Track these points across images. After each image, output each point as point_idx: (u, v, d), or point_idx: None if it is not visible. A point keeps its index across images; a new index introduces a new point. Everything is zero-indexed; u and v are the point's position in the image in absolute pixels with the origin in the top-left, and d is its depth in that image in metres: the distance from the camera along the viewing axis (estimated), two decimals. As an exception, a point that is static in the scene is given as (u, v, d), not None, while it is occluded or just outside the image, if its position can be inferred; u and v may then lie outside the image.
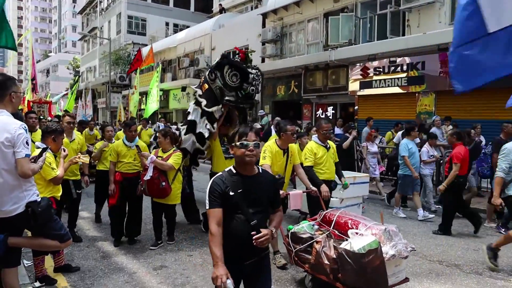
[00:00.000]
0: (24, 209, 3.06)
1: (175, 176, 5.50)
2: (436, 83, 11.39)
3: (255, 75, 5.77)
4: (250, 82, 5.67)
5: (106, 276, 4.54)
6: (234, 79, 5.64)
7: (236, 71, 5.63)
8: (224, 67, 5.67)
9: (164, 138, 5.57)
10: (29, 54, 13.34)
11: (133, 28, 34.24)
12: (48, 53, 70.35)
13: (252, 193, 2.49)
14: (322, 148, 5.29)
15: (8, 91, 3.06)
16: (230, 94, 5.68)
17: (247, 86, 5.67)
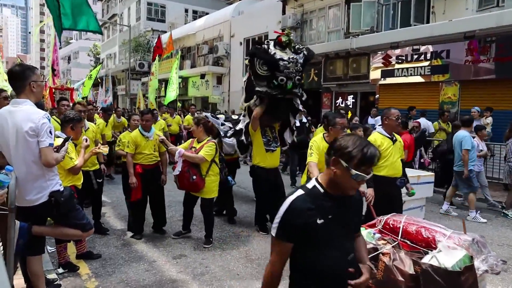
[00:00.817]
0: (47, 199, 3.10)
1: (209, 167, 5.15)
2: (461, 72, 11.07)
3: (289, 62, 5.18)
4: (281, 70, 5.14)
5: (127, 264, 4.60)
6: (264, 68, 5.26)
7: (263, 60, 5.28)
8: (255, 54, 5.35)
9: (197, 126, 5.24)
10: (51, 41, 13.45)
11: (152, 15, 34.25)
12: (69, 40, 71.16)
13: (344, 217, 1.94)
14: (387, 140, 4.59)
15: (27, 80, 3.05)
16: (262, 85, 5.30)
17: (278, 75, 5.14)
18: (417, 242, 3.20)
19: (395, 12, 13.36)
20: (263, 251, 5.09)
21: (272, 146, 5.72)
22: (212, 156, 5.10)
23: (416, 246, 3.21)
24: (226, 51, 22.24)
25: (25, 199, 3.03)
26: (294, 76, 5.22)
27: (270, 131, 5.83)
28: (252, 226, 6.11)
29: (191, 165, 5.01)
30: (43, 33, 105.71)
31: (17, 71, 3.09)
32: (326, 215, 1.83)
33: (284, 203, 1.86)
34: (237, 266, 4.61)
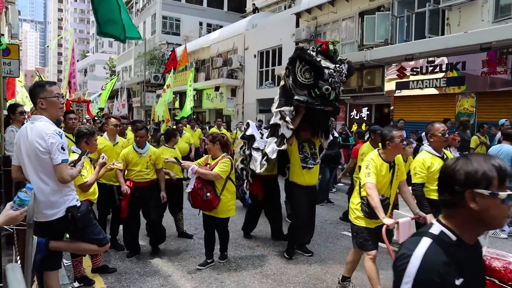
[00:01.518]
0: (64, 214, 3.12)
1: (224, 185, 4.83)
2: (477, 84, 10.94)
3: (334, 71, 4.78)
4: (326, 79, 4.74)
5: (142, 278, 4.59)
6: (306, 75, 4.84)
7: (308, 66, 4.83)
8: (296, 61, 4.93)
9: (213, 144, 4.94)
10: (69, 54, 13.70)
11: (167, 28, 34.78)
12: (86, 53, 72.55)
13: (479, 272, 1.53)
14: (437, 159, 4.13)
15: (36, 98, 3.08)
16: (301, 93, 4.87)
17: (322, 85, 4.74)
18: (507, 281, 2.70)
19: (409, 24, 13.31)
20: (279, 267, 5.04)
21: (310, 163, 5.27)
22: (227, 173, 4.81)
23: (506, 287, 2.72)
24: (240, 63, 22.40)
25: (42, 214, 3.06)
26: (338, 86, 4.90)
27: (309, 147, 5.37)
28: (268, 241, 6.06)
29: (205, 182, 4.74)
30: (60, 46, 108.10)
31: (30, 89, 3.21)
32: (463, 272, 1.37)
33: (409, 257, 1.36)
34: (252, 281, 4.57)
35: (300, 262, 5.23)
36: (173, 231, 6.22)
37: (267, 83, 21.00)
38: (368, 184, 3.72)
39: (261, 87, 21.44)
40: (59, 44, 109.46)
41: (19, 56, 6.83)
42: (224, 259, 5.15)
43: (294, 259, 5.35)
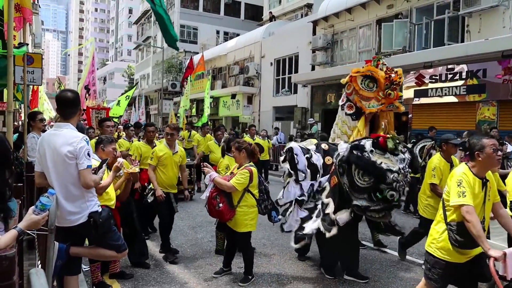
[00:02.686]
0: (86, 219, 3.17)
1: (241, 198, 4.56)
2: (498, 92, 10.73)
3: (399, 174, 4.08)
4: (389, 183, 4.04)
5: (159, 285, 4.61)
6: (365, 178, 4.15)
7: (365, 169, 4.17)
8: (352, 164, 4.25)
9: (239, 152, 4.71)
10: (88, 62, 13.95)
11: (185, 37, 35.21)
12: (105, 62, 73.91)
13: None
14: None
15: (78, 107, 3.24)
16: (360, 197, 4.21)
17: (385, 188, 4.06)
18: None
19: (428, 31, 13.19)
20: (295, 276, 4.99)
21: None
22: (244, 185, 4.52)
23: None
24: (257, 71, 22.50)
25: (66, 219, 3.11)
26: (403, 188, 4.30)
27: None
28: (285, 249, 6.02)
29: (220, 192, 4.54)
30: (81, 55, 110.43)
31: (70, 98, 3.22)
32: None
33: None
34: (268, 290, 4.54)
35: (317, 270, 5.18)
36: (190, 238, 6.24)
37: (283, 90, 21.03)
38: (467, 207, 3.00)
39: (278, 95, 21.47)
40: (79, 53, 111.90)
41: (41, 65, 6.98)
42: (246, 282, 4.67)
43: (311, 267, 5.30)
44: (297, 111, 18.91)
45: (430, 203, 5.07)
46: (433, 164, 5.05)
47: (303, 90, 18.96)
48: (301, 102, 19.08)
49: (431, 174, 5.01)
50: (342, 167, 4.34)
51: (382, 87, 5.31)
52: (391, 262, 5.59)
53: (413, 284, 4.84)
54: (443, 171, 4.95)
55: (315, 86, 18.07)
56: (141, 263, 5.12)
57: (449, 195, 3.15)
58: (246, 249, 4.82)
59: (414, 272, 5.27)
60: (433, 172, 4.98)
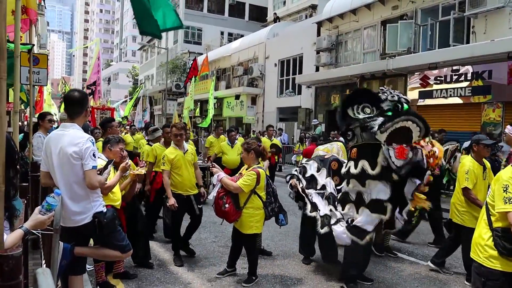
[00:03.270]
0: (91, 219, 3.18)
1: (248, 199, 4.53)
2: (504, 93, 10.68)
3: (384, 92, 4.36)
4: (385, 99, 4.27)
5: (162, 285, 4.61)
6: (367, 110, 4.26)
7: (361, 102, 4.32)
8: (348, 112, 4.36)
9: (247, 153, 4.70)
10: (93, 62, 13.99)
11: (189, 38, 35.31)
12: (110, 62, 74.19)
13: None
14: None
15: (85, 107, 3.24)
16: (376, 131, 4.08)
17: (389, 104, 4.24)
18: None
19: (433, 32, 13.16)
20: (299, 277, 4.98)
21: None
22: (250, 187, 4.47)
23: None
24: (261, 72, 22.51)
25: (70, 219, 3.12)
26: (400, 96, 4.36)
27: None
28: (288, 250, 6.01)
29: (228, 193, 4.53)
30: (86, 56, 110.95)
31: (77, 98, 3.23)
32: None
33: None
34: (272, 291, 4.54)
35: (321, 271, 5.17)
36: (193, 238, 6.23)
37: (287, 91, 21.03)
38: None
39: (282, 96, 21.47)
40: (84, 54, 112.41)
41: (47, 65, 7.02)
42: (249, 282, 4.65)
43: (315, 268, 5.29)
44: (301, 112, 18.90)
45: (468, 210, 4.73)
46: (465, 167, 4.71)
47: (307, 91, 18.95)
48: (305, 103, 19.07)
49: (464, 178, 4.67)
50: (347, 132, 4.46)
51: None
52: (395, 263, 5.57)
53: (417, 286, 4.82)
54: (477, 174, 4.69)
55: (319, 87, 18.06)
56: (145, 263, 5.12)
57: (493, 199, 2.93)
58: (252, 250, 4.75)
59: (419, 274, 5.25)
60: (467, 176, 4.65)
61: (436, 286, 4.88)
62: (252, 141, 4.98)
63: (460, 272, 5.26)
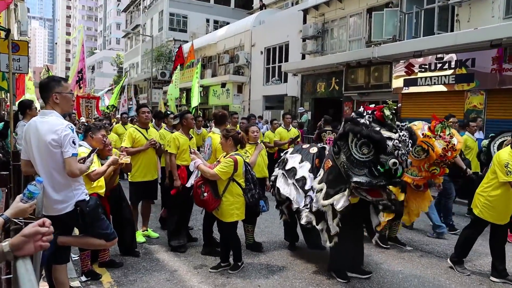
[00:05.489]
0: (73, 208, 3.15)
1: (227, 186, 4.50)
2: (487, 81, 10.81)
3: (399, 141, 3.81)
4: (390, 152, 3.77)
5: (148, 273, 4.61)
6: (364, 150, 3.84)
7: (366, 139, 3.84)
8: (348, 135, 3.97)
9: (226, 139, 4.65)
10: (77, 51, 13.70)
11: (174, 25, 34.84)
12: (93, 50, 72.91)
13: None
14: None
15: (51, 92, 3.11)
16: (361, 173, 3.84)
17: (386, 159, 3.75)
18: None
19: (418, 20, 13.20)
20: (285, 263, 5.03)
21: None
22: (228, 174, 4.43)
23: None
24: (247, 60, 22.37)
25: (52, 208, 3.08)
26: (406, 159, 3.97)
27: None
28: (274, 237, 6.06)
29: (206, 181, 4.49)
30: (68, 43, 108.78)
31: (43, 83, 3.19)
32: None
33: None
34: (258, 277, 4.57)
35: (306, 258, 5.23)
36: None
37: (273, 79, 20.97)
38: None
39: (268, 84, 21.41)
40: (67, 41, 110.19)
41: (28, 52, 6.85)
42: (235, 269, 4.68)
43: (300, 254, 5.34)
44: (287, 100, 18.89)
45: (492, 204, 4.47)
46: (504, 160, 4.30)
47: (293, 79, 18.92)
48: (291, 91, 19.05)
49: (504, 171, 4.25)
50: (337, 145, 4.08)
51: (431, 162, 5.05)
52: (393, 257, 5.66)
53: (416, 280, 4.91)
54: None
55: (305, 75, 18.04)
56: (131, 252, 5.11)
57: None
58: (231, 239, 4.70)
59: (418, 268, 5.34)
60: (508, 169, 4.22)
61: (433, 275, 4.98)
62: (231, 128, 5.00)
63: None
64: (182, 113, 6.06)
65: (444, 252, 5.61)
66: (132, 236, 5.15)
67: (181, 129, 5.82)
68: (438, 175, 5.17)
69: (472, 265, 5.16)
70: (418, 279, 4.64)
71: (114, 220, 4.84)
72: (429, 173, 5.12)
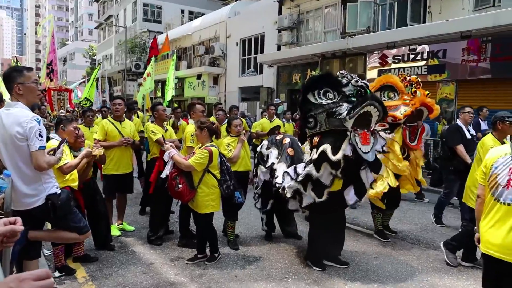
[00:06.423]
0: (44, 202, 3.07)
1: (202, 178, 4.48)
2: (457, 72, 11.10)
3: (343, 73, 4.26)
4: (346, 82, 4.16)
5: (124, 266, 4.56)
6: (329, 95, 4.14)
7: (323, 87, 4.17)
8: (309, 98, 4.21)
9: (201, 131, 4.60)
10: (48, 41, 13.27)
11: (148, 16, 34.23)
12: (65, 41, 70.89)
13: None
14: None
15: (13, 83, 3.01)
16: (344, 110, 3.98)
17: (349, 87, 4.13)
18: None
19: (392, 12, 13.39)
20: (262, 253, 5.06)
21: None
22: (203, 166, 4.41)
23: None
24: (223, 51, 22.23)
25: (21, 202, 3.00)
26: (359, 79, 4.25)
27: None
28: (250, 227, 6.08)
29: (181, 172, 4.46)
30: (38, 34, 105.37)
31: (5, 74, 3.10)
32: None
33: None
34: (235, 267, 4.59)
35: (283, 247, 5.27)
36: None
37: (249, 71, 20.92)
38: None
39: (243, 75, 21.35)
40: (36, 32, 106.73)
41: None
42: (212, 260, 4.67)
43: (277, 244, 5.38)
44: (263, 91, 18.91)
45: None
46: (489, 146, 4.22)
47: (269, 70, 18.93)
48: (267, 83, 19.06)
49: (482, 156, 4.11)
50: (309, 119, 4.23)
51: (403, 90, 5.17)
52: (368, 245, 5.76)
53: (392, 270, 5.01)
54: None
55: (281, 66, 18.07)
56: (106, 246, 5.04)
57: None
58: (207, 231, 4.69)
59: (392, 255, 5.45)
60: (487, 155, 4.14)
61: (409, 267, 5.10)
62: (206, 119, 4.93)
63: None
64: (153, 105, 6.02)
65: (416, 239, 5.76)
66: (107, 229, 5.07)
67: (155, 121, 5.80)
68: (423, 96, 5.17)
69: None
70: (391, 265, 4.75)
71: (88, 214, 4.75)
72: (415, 97, 5.14)
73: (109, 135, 5.52)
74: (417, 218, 6.91)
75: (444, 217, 6.70)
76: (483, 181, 2.94)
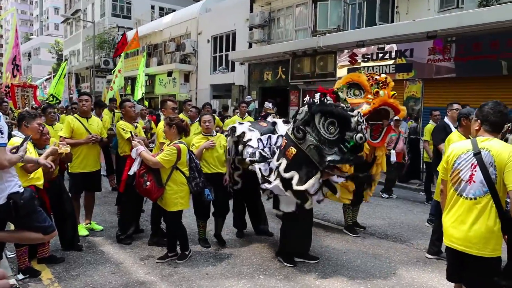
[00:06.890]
0: (5, 201, 2.96)
1: (170, 175, 4.42)
2: (424, 71, 11.40)
3: (358, 117, 4.07)
4: (353, 128, 3.99)
5: (92, 267, 4.45)
6: (331, 129, 4.02)
7: (332, 118, 4.02)
8: (315, 117, 4.10)
9: (169, 127, 4.54)
10: (11, 35, 12.78)
11: (117, 11, 33.45)
12: (29, 36, 68.52)
13: None
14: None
15: None
16: (332, 152, 4.03)
17: (352, 135, 3.96)
18: None
19: (361, 11, 13.60)
20: (233, 250, 5.06)
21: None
22: (171, 163, 4.35)
23: None
24: (194, 48, 22.02)
25: (-19, 202, 2.88)
26: (364, 134, 4.13)
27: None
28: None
29: (149, 169, 4.40)
30: (0, 27, 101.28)
31: None
32: None
33: None
34: (206, 265, 4.56)
35: (254, 244, 5.29)
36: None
37: (220, 68, 20.82)
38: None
39: (215, 73, 21.23)
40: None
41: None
42: (183, 258, 4.64)
43: (248, 241, 5.39)
44: (235, 89, 18.86)
45: None
46: (449, 142, 4.37)
47: (241, 67, 18.89)
48: (238, 80, 19.02)
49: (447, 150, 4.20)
50: (300, 131, 4.14)
51: (368, 89, 5.19)
52: (337, 240, 5.83)
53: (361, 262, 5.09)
54: None
55: (252, 64, 18.07)
56: (73, 246, 4.91)
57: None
58: (176, 228, 4.64)
59: (361, 250, 5.54)
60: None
61: (381, 262, 5.20)
62: (175, 115, 4.86)
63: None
64: (120, 102, 5.95)
65: (384, 233, 5.90)
66: (73, 229, 4.94)
67: (123, 118, 5.70)
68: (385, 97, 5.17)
69: (410, 244, 5.47)
70: (361, 260, 4.85)
71: (54, 213, 4.61)
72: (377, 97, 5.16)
73: (76, 132, 5.37)
74: (385, 213, 7.09)
75: (411, 212, 6.89)
76: (444, 176, 3.04)
